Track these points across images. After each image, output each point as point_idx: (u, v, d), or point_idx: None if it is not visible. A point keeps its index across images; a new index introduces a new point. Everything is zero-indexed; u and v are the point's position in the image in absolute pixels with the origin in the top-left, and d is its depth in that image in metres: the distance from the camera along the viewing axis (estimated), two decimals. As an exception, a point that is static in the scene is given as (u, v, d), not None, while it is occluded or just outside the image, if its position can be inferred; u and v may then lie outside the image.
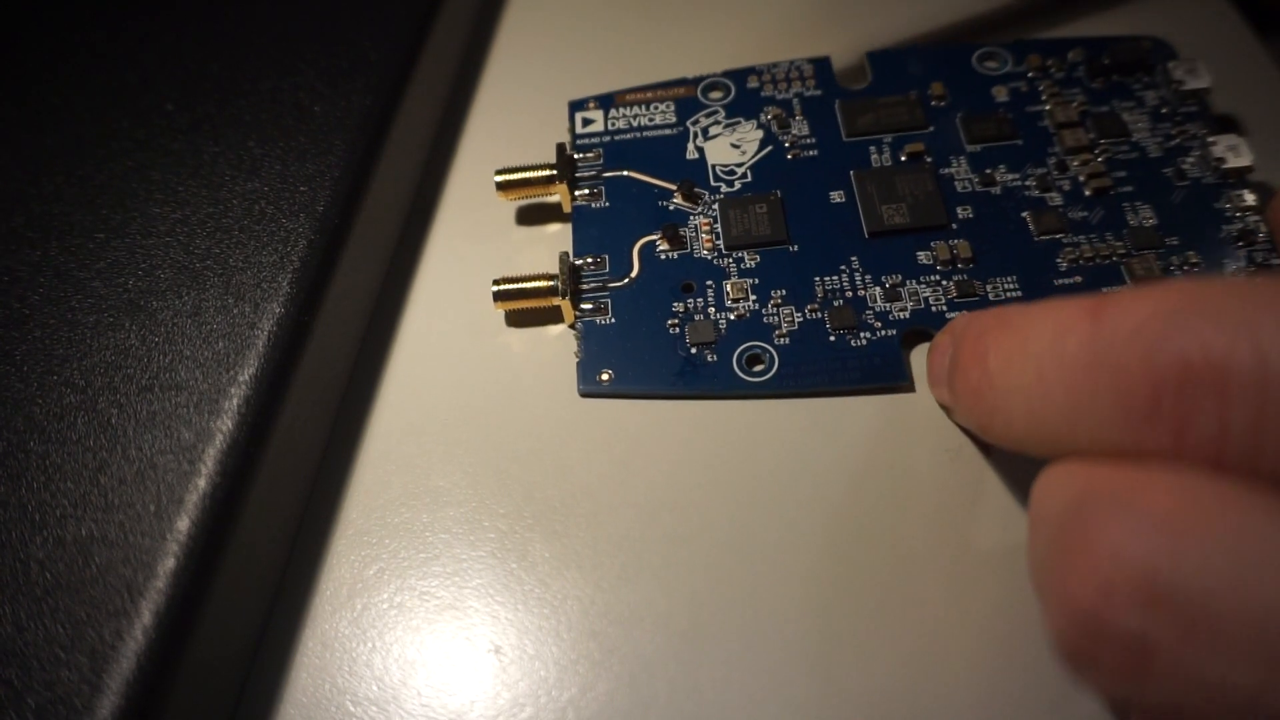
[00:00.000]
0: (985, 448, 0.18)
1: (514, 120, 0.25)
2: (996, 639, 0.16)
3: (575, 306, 0.20)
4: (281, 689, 0.16)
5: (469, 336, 0.21)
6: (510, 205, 0.23)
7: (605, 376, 0.19)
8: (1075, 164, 0.21)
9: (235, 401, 0.17)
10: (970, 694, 0.15)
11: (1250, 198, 0.20)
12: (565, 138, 0.23)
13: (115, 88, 0.22)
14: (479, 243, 0.22)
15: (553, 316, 0.21)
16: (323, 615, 0.17)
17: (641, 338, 0.20)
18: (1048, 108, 0.22)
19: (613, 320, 0.20)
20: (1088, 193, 0.20)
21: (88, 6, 0.24)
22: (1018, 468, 0.18)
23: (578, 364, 0.19)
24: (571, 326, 0.20)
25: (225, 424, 0.16)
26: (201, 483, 0.16)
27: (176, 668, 0.14)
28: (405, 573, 0.17)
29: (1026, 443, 0.14)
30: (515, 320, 0.21)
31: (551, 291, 0.20)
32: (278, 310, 0.18)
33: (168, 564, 0.15)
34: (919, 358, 0.19)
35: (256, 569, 0.17)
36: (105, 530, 0.15)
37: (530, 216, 0.23)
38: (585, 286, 0.20)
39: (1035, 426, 0.14)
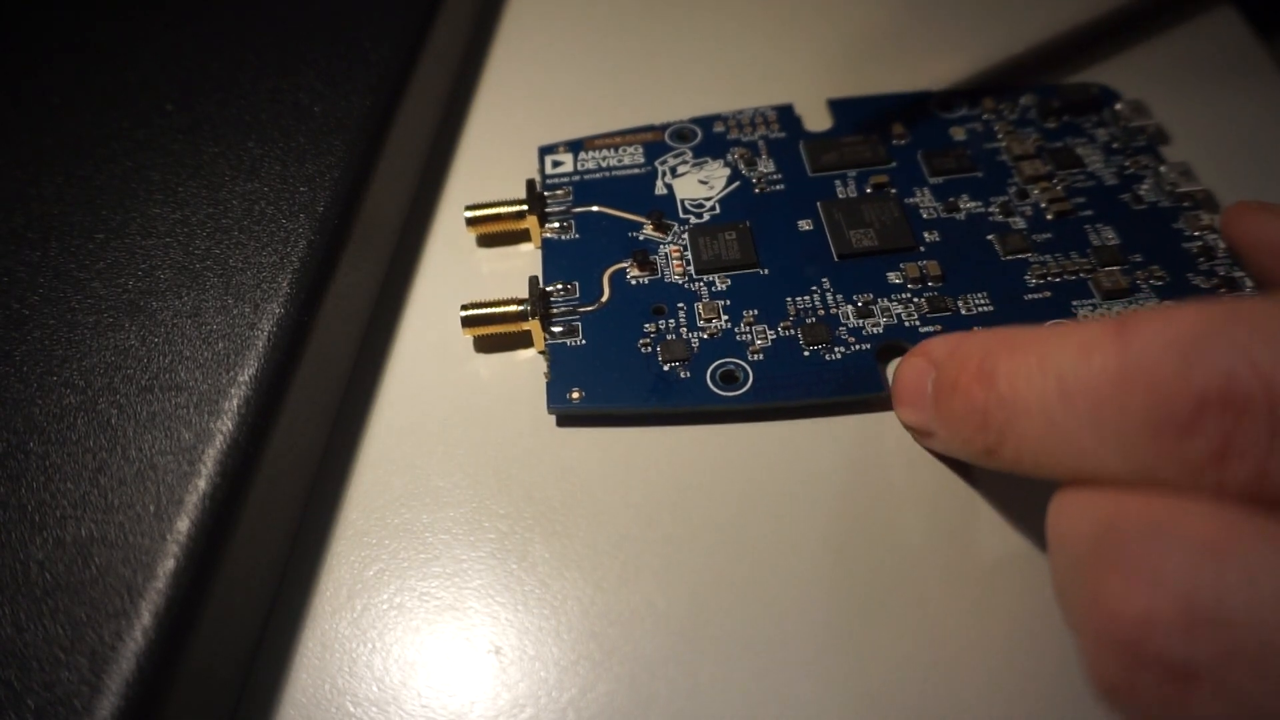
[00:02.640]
0: (965, 469, 0.18)
1: (514, 120, 0.26)
2: (997, 639, 0.16)
3: (545, 329, 0.20)
4: (281, 689, 0.16)
5: (454, 352, 0.21)
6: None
7: (575, 394, 0.19)
8: (1036, 191, 0.21)
9: (235, 402, 0.17)
10: (971, 693, 0.15)
11: (1206, 218, 0.20)
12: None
13: (115, 88, 0.22)
14: (465, 257, 0.22)
15: (522, 341, 0.20)
16: (323, 616, 0.17)
17: (613, 357, 0.19)
18: (1004, 144, 0.22)
19: (583, 342, 0.20)
20: (1050, 217, 0.21)
21: (87, 6, 0.24)
22: (1006, 483, 0.18)
23: (547, 382, 0.19)
24: (541, 352, 0.20)
25: (225, 424, 0.16)
26: (201, 483, 0.16)
27: (176, 669, 0.14)
28: (405, 573, 0.17)
29: (1041, 465, 0.14)
30: (484, 346, 0.20)
31: (520, 315, 0.20)
32: (278, 310, 0.18)
33: (167, 565, 0.15)
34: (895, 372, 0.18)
35: (256, 569, 0.17)
36: (105, 531, 0.15)
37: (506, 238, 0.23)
38: (555, 311, 0.20)
39: (1055, 446, 0.13)
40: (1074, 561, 0.13)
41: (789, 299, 0.20)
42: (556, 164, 0.23)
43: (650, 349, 0.19)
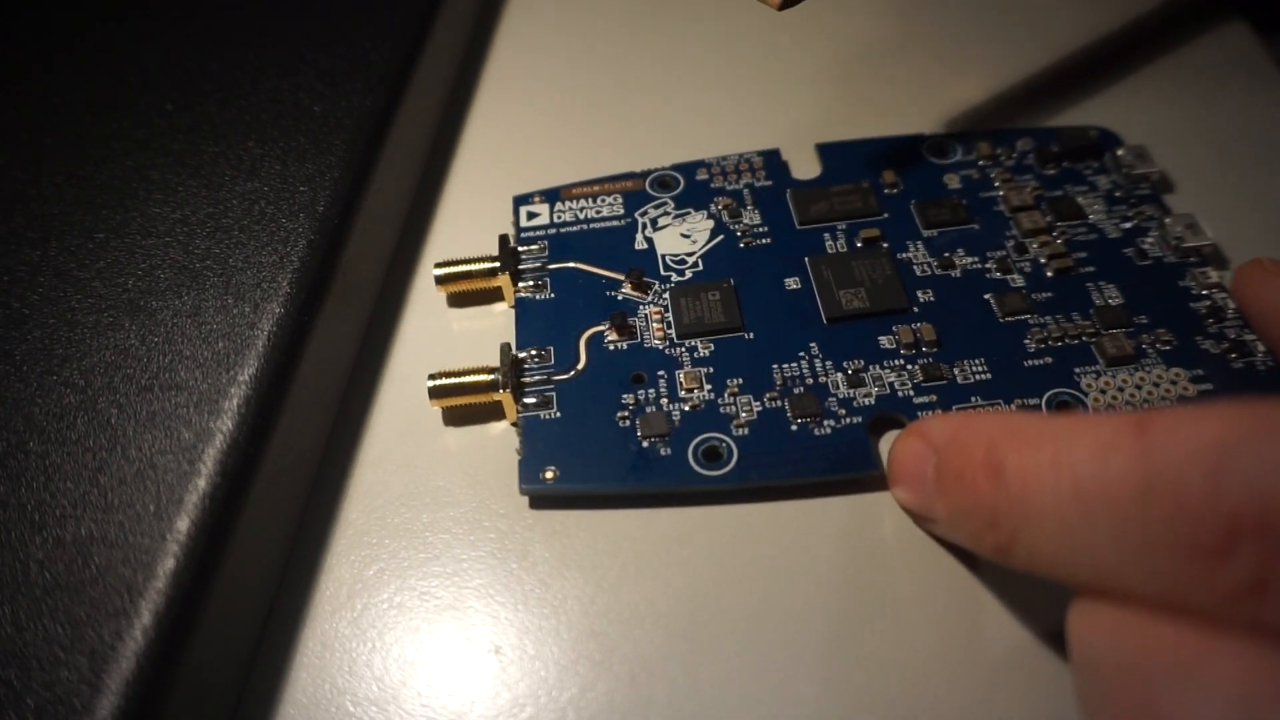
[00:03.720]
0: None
1: (514, 120, 0.26)
2: (996, 644, 0.16)
3: (517, 401, 0.19)
4: (281, 689, 0.16)
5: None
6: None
7: (549, 474, 0.18)
8: (1035, 246, 0.20)
9: (235, 401, 0.17)
10: (971, 702, 0.15)
11: (1215, 275, 0.20)
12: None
13: (115, 88, 0.22)
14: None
15: (494, 413, 0.19)
16: (323, 615, 0.17)
17: (589, 432, 0.18)
18: (1001, 193, 0.22)
19: (558, 414, 0.18)
20: (1050, 274, 0.20)
21: (87, 6, 0.24)
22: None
23: (519, 461, 0.18)
24: (514, 424, 0.19)
25: (225, 424, 0.16)
26: (201, 483, 0.16)
27: (176, 668, 0.14)
28: (405, 573, 0.17)
29: (1058, 571, 0.13)
30: (453, 419, 0.19)
31: (492, 385, 0.19)
32: (278, 310, 0.18)
33: (167, 564, 0.15)
34: (889, 446, 0.17)
35: (256, 569, 0.17)
36: (105, 530, 0.15)
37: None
38: (528, 380, 0.19)
39: (1072, 554, 0.12)
40: (1102, 688, 0.12)
41: (775, 366, 0.19)
42: (532, 215, 0.22)
43: (629, 422, 0.18)
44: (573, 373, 0.19)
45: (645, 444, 0.18)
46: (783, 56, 0.26)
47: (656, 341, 0.19)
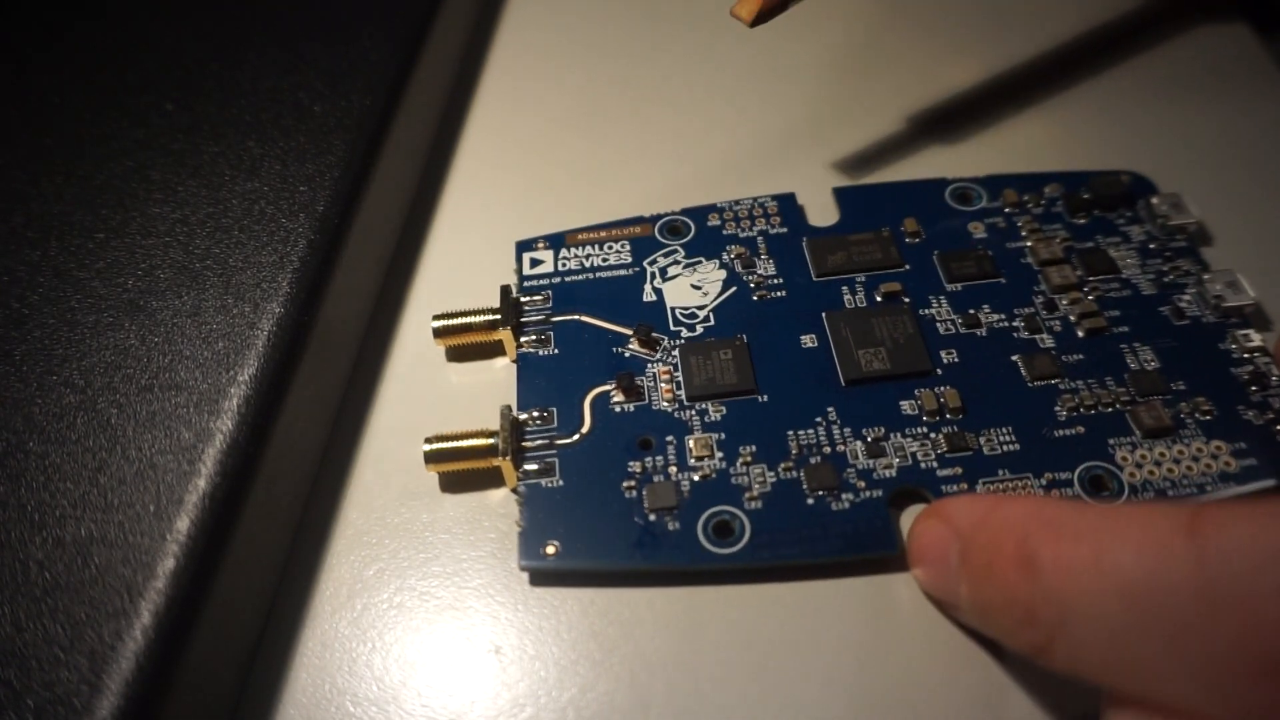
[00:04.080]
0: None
1: (514, 120, 0.26)
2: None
3: (517, 468, 0.18)
4: (281, 689, 0.16)
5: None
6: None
7: (551, 549, 0.17)
8: (1065, 303, 0.19)
9: (235, 401, 0.17)
10: (969, 702, 0.15)
11: (1257, 338, 0.18)
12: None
13: (115, 88, 0.22)
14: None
15: (492, 480, 0.18)
16: (323, 615, 0.17)
17: (593, 503, 0.17)
18: (1029, 244, 0.20)
19: (560, 483, 0.17)
20: (1081, 334, 0.19)
21: (87, 6, 0.24)
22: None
23: (519, 534, 0.17)
24: (514, 490, 0.18)
25: (225, 424, 0.16)
26: (201, 483, 0.16)
27: (176, 668, 0.14)
28: (405, 573, 0.17)
29: (1104, 678, 0.12)
30: (449, 485, 0.18)
31: (491, 451, 0.18)
32: (278, 310, 0.18)
33: (167, 564, 0.15)
34: (910, 522, 0.17)
35: (256, 569, 0.17)
36: (105, 530, 0.15)
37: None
38: (530, 444, 0.18)
39: (1121, 662, 0.11)
40: None
41: (791, 432, 0.18)
42: (535, 263, 0.21)
43: (635, 492, 0.17)
44: (577, 436, 0.18)
45: (652, 517, 0.17)
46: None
47: (665, 404, 0.18)
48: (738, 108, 0.25)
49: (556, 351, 0.20)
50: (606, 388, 0.19)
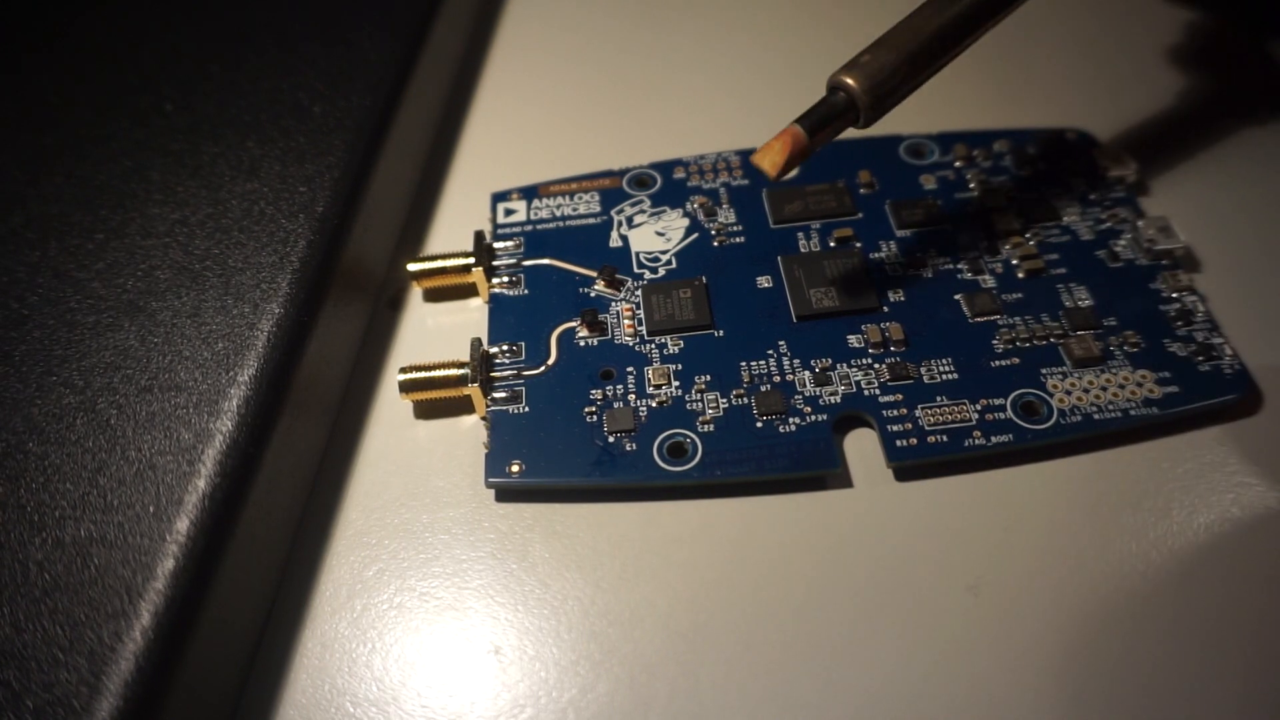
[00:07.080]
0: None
1: (514, 119, 0.26)
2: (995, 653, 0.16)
3: (486, 395, 0.19)
4: (281, 690, 0.16)
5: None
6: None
7: (515, 468, 0.18)
8: (1007, 247, 0.21)
9: (235, 402, 0.17)
10: (976, 701, 0.15)
11: (1185, 277, 0.20)
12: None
13: (115, 88, 0.22)
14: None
15: (464, 407, 0.19)
16: (322, 616, 0.17)
17: (557, 426, 0.18)
18: (976, 195, 0.22)
19: (526, 409, 0.19)
20: (1021, 275, 0.20)
21: (87, 6, 0.24)
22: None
23: (486, 454, 0.18)
24: (483, 418, 0.19)
25: (225, 424, 0.16)
26: (201, 483, 0.16)
27: (175, 669, 0.14)
28: (405, 573, 0.17)
29: None
30: (423, 413, 0.20)
31: (462, 380, 0.19)
32: (277, 310, 0.18)
33: (167, 565, 0.15)
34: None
35: (256, 569, 0.17)
36: (104, 531, 0.15)
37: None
38: (499, 375, 0.19)
39: None
40: None
41: (743, 363, 0.19)
42: (509, 212, 0.22)
43: (596, 417, 0.18)
44: (543, 368, 0.19)
45: (611, 439, 0.18)
46: (764, 55, 0.27)
47: (627, 338, 0.20)
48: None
49: (526, 292, 0.21)
50: (573, 324, 0.20)
